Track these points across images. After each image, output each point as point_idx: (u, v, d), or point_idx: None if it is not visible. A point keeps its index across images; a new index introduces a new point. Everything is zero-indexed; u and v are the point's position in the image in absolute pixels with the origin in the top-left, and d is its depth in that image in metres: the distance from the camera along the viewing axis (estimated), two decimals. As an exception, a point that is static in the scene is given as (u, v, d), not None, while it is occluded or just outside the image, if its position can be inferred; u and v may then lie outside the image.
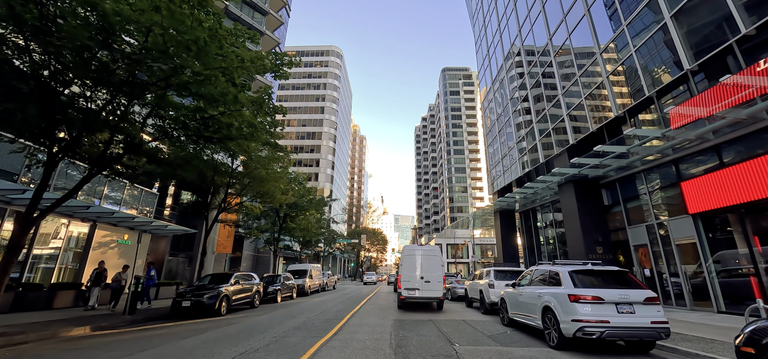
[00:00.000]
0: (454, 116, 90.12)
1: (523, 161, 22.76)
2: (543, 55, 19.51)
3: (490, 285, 11.96)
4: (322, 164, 75.58)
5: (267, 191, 17.24)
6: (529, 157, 21.35)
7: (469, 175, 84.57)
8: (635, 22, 12.63)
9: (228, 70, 8.91)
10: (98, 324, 9.45)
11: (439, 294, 12.65)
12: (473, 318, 10.96)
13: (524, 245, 25.18)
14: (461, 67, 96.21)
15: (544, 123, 19.52)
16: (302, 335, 7.94)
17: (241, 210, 24.75)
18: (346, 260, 76.22)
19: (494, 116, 28.89)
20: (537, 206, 22.96)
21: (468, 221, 53.05)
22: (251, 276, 15.70)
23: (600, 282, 6.52)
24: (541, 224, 22.86)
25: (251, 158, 14.73)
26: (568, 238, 16.53)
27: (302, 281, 22.67)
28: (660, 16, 11.42)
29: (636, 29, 12.61)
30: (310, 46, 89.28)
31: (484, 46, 31.32)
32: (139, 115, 10.52)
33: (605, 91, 14.25)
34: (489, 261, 63.78)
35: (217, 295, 12.19)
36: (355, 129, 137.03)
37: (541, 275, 7.82)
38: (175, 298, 12.07)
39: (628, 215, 14.56)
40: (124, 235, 18.01)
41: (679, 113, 10.19)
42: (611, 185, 15.57)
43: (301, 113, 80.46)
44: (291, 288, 19.98)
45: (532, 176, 21.74)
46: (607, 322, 5.82)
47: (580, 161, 13.68)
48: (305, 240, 32.94)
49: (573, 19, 16.48)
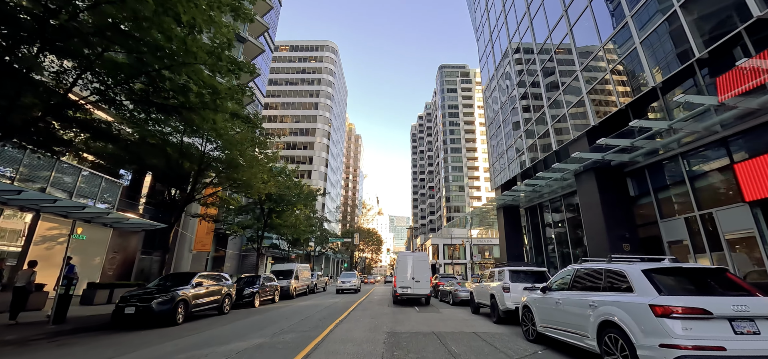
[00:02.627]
0: (452, 114, 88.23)
1: (531, 151, 20.75)
2: (557, 31, 17.50)
3: (504, 288, 9.84)
4: (316, 161, 73.19)
5: (244, 180, 14.96)
6: (540, 143, 19.30)
7: (467, 173, 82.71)
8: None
9: (169, 1, 6.70)
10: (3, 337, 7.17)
11: (427, 292, 15.61)
12: (486, 330, 8.83)
13: (530, 245, 23.17)
14: (458, 65, 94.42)
15: (556, 108, 17.51)
16: (263, 357, 5.75)
17: (220, 204, 22.45)
18: (339, 261, 73.84)
19: (497, 105, 26.88)
20: (545, 201, 20.95)
21: (465, 221, 51.06)
22: (222, 276, 13.43)
23: (693, 285, 4.42)
24: (549, 221, 20.84)
25: (222, 136, 12.45)
26: (587, 235, 14.50)
27: (287, 282, 20.38)
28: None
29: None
30: (305, 41, 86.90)
31: (486, 31, 29.33)
32: (64, 70, 8.22)
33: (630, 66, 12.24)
34: (486, 262, 61.87)
35: (170, 300, 9.91)
36: (350, 127, 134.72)
37: (589, 275, 5.71)
38: (118, 303, 9.77)
39: (660, 207, 12.55)
40: (77, 229, 15.61)
41: (740, 74, 8.18)
42: (638, 173, 13.57)
43: (294, 109, 78.02)
44: (273, 291, 17.71)
45: (539, 169, 19.74)
46: (723, 349, 3.70)
47: (608, 142, 11.64)
48: (294, 239, 30.59)
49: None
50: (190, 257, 24.07)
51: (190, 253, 24.05)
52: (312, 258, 42.96)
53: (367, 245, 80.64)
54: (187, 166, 15.19)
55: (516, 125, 22.98)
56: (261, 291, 16.13)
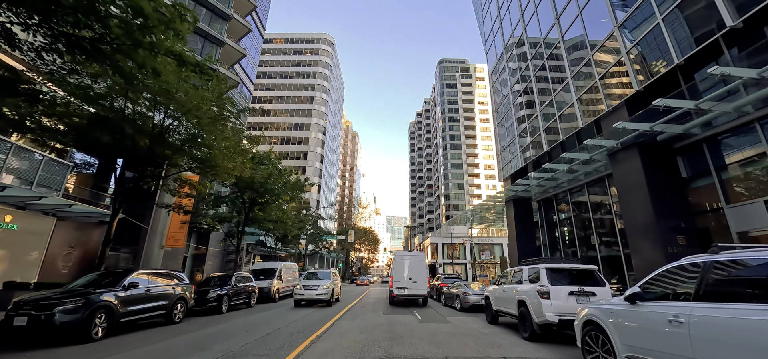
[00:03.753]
0: (451, 110, 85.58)
1: (549, 134, 18.16)
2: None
3: (541, 292, 7.18)
4: (311, 157, 70.37)
5: (206, 157, 12.23)
6: (562, 127, 16.70)
7: (466, 171, 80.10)
8: None
9: None
10: None
11: (424, 292, 15.05)
12: (523, 356, 6.18)
13: (544, 242, 20.58)
14: (458, 59, 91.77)
15: (582, 79, 14.92)
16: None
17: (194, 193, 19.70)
18: (334, 261, 71.06)
19: (506, 87, 24.29)
20: (562, 191, 18.37)
21: (465, 218, 48.40)
22: (174, 275, 10.70)
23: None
24: (568, 214, 18.24)
25: (170, 95, 9.73)
26: (628, 226, 11.89)
27: (268, 283, 17.66)
28: None
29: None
30: (300, 33, 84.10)
31: (493, 8, 26.73)
32: None
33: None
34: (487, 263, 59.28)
35: (83, 307, 7.18)
36: (347, 125, 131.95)
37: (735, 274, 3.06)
38: (8, 311, 7.05)
39: (726, 190, 9.98)
40: (5, 217, 12.83)
41: None
42: (693, 150, 10.98)
43: (289, 103, 75.15)
44: (249, 293, 14.99)
45: (556, 156, 17.17)
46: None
47: (667, 103, 9.01)
48: (281, 235, 27.81)
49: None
50: (161, 253, 21.27)
51: (161, 249, 21.27)
52: (304, 257, 40.19)
53: (363, 244, 77.78)
54: (140, 141, 12.47)
55: (529, 104, 20.37)
56: (232, 294, 13.41)
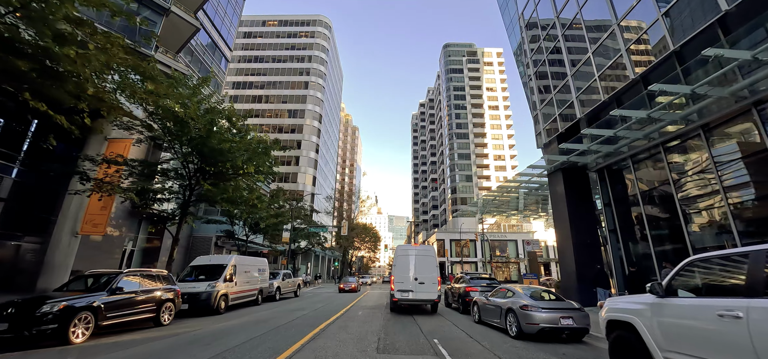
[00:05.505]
0: (458, 96, 79.45)
1: (615, 69, 12.24)
2: None
3: None
4: (305, 146, 64.62)
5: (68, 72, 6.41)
6: (637, 56, 10.77)
7: (474, 161, 74.01)
8: None
9: None
10: None
11: (434, 297, 12.06)
12: None
13: (611, 227, 14.53)
14: (465, 43, 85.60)
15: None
16: None
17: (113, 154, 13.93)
18: (331, 260, 65.35)
19: (554, 12, 18.37)
20: (639, 150, 12.49)
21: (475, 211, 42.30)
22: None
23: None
24: (653, 184, 12.31)
25: None
26: None
27: (208, 287, 11.87)
28: None
29: None
30: (294, 15, 78.39)
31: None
32: None
33: None
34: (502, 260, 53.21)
35: None
36: (347, 118, 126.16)
37: None
38: None
39: None
40: None
41: None
42: None
43: (282, 89, 69.48)
44: (157, 303, 9.20)
45: (629, 99, 11.31)
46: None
47: None
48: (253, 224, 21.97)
49: None
50: (75, 243, 15.57)
51: (76, 238, 15.55)
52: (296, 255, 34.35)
53: (363, 242, 71.84)
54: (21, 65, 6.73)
55: (593, 35, 14.38)
56: (106, 308, 7.59)
